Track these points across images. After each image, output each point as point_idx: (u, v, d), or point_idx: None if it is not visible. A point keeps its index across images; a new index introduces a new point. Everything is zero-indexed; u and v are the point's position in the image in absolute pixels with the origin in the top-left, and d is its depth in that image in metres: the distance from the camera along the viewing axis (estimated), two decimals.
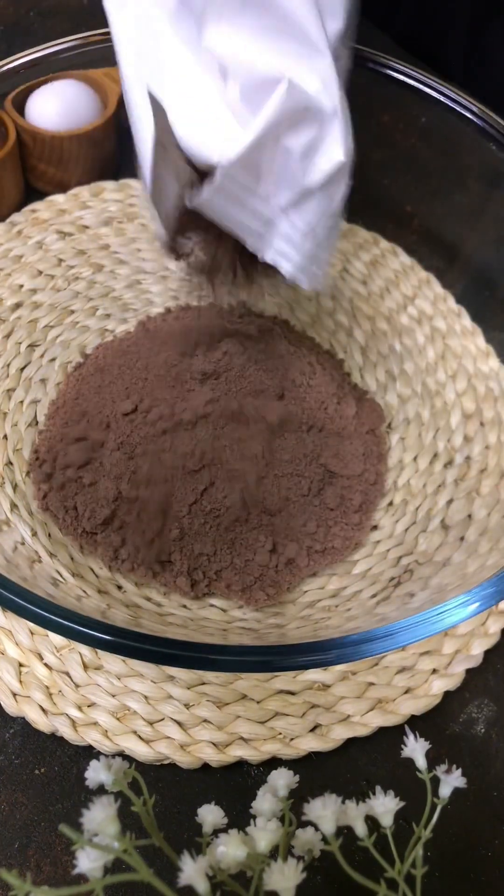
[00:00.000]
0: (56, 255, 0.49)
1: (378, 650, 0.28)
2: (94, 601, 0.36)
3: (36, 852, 0.33)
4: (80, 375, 0.45)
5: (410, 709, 0.37)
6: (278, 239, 0.31)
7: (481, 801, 0.36)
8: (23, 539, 0.38)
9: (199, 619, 0.38)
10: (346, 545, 0.41)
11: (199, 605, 0.39)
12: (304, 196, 0.30)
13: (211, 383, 0.40)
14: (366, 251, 0.52)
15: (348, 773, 0.36)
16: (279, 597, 0.39)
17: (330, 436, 0.42)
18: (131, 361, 0.43)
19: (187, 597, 0.38)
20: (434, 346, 0.48)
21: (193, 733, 0.35)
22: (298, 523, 0.40)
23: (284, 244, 0.31)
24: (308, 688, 0.37)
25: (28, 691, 0.36)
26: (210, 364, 0.40)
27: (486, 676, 0.39)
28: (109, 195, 0.52)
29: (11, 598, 0.28)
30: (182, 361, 0.41)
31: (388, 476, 0.44)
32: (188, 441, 0.39)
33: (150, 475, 0.38)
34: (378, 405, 0.47)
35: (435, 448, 0.45)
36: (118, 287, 0.50)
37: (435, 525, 0.41)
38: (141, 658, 0.28)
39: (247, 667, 0.30)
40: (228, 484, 0.38)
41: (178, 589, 0.38)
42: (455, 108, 0.46)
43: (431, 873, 0.33)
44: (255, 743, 0.35)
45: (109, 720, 0.35)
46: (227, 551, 0.39)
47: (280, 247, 0.32)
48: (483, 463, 0.43)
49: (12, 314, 0.47)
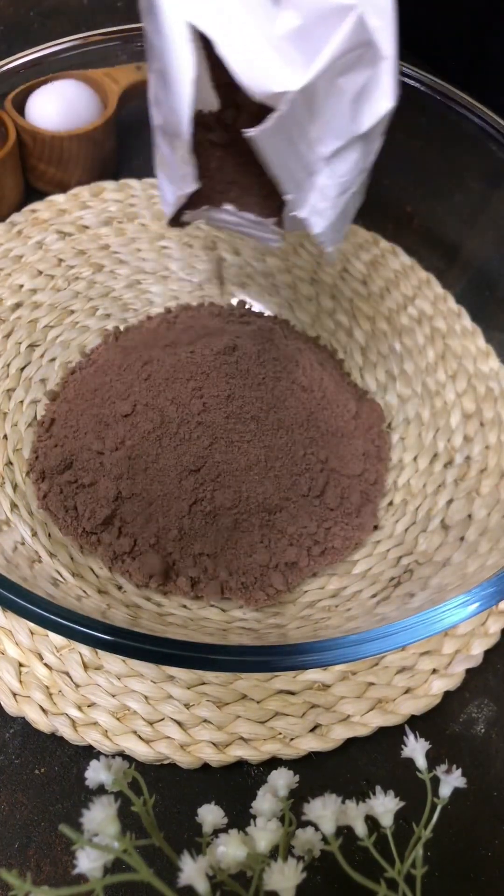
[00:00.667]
0: (56, 255, 0.49)
1: (378, 650, 0.28)
2: (94, 601, 0.36)
3: (36, 852, 0.33)
4: (80, 377, 0.45)
5: (410, 709, 0.37)
6: (315, 193, 0.31)
7: (481, 801, 0.36)
8: (23, 539, 0.38)
9: (198, 619, 0.38)
10: (347, 545, 0.41)
11: (198, 605, 0.39)
12: (348, 144, 0.29)
13: (210, 383, 0.40)
14: (366, 251, 0.52)
15: (348, 772, 0.36)
16: (279, 597, 0.39)
17: (330, 435, 0.42)
18: (131, 361, 0.43)
19: (187, 597, 0.38)
20: (434, 346, 0.48)
21: (193, 733, 0.35)
22: (299, 524, 0.40)
23: (320, 200, 0.31)
24: (308, 688, 0.37)
25: (28, 691, 0.36)
26: (209, 364, 0.40)
27: (486, 676, 0.39)
28: (109, 195, 0.52)
29: (12, 599, 0.28)
30: (181, 361, 0.41)
31: (388, 476, 0.44)
32: (188, 441, 0.39)
33: (150, 475, 0.38)
34: (378, 405, 0.47)
35: (435, 448, 0.45)
36: (118, 287, 0.50)
37: (435, 525, 0.41)
38: (141, 658, 0.28)
39: (247, 667, 0.30)
40: (228, 484, 0.38)
41: (178, 589, 0.38)
42: (455, 108, 0.46)
43: (431, 873, 0.33)
44: (255, 743, 0.35)
45: (109, 720, 0.35)
46: (227, 551, 0.39)
47: (316, 202, 0.31)
48: (483, 463, 0.43)
49: (12, 314, 0.47)
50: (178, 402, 0.39)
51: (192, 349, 0.41)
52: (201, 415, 0.39)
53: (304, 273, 0.52)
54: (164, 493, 0.38)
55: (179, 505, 0.38)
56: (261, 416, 0.40)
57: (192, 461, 0.38)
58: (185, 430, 0.39)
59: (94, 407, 0.42)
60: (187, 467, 0.38)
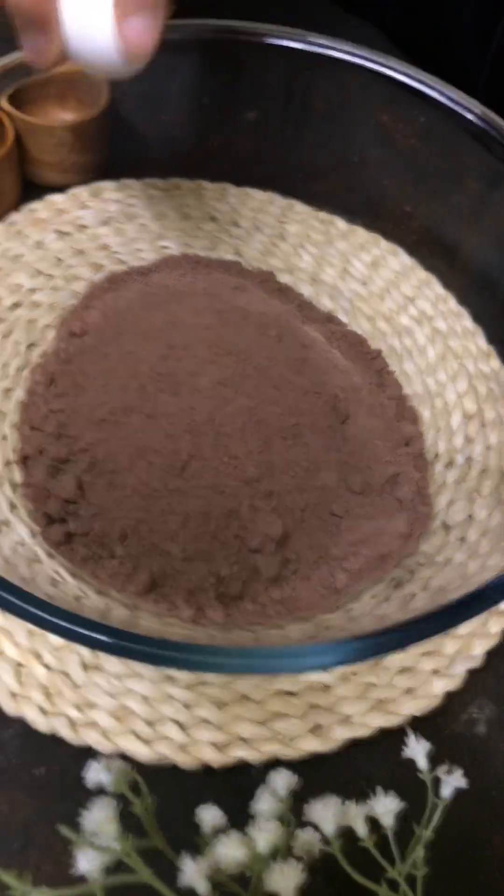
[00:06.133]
0: (55, 254, 0.49)
1: (378, 651, 0.28)
2: (94, 602, 0.36)
3: (35, 853, 0.33)
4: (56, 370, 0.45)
5: (411, 709, 0.37)
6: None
7: (482, 801, 0.36)
8: (22, 540, 0.38)
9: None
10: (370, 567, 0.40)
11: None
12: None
13: (205, 387, 0.40)
14: (366, 252, 0.52)
15: (349, 773, 0.36)
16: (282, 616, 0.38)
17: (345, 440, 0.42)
18: (126, 351, 0.42)
19: (185, 622, 0.38)
20: (434, 346, 0.48)
21: (193, 734, 0.35)
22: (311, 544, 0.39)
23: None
24: (309, 688, 0.37)
25: (27, 691, 0.36)
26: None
27: (488, 677, 0.39)
28: (108, 195, 0.52)
29: (10, 600, 0.28)
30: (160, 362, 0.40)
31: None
32: (177, 452, 0.38)
33: (139, 491, 0.38)
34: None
35: (436, 449, 0.45)
36: None
37: (436, 525, 0.41)
38: (140, 660, 0.27)
39: (248, 669, 0.30)
40: (225, 501, 0.38)
41: (175, 610, 0.37)
42: (455, 108, 0.45)
43: (432, 873, 0.33)
44: (255, 743, 0.35)
45: (109, 720, 0.35)
46: (238, 576, 0.38)
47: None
48: (484, 464, 0.43)
49: (11, 314, 0.47)
50: (169, 408, 0.39)
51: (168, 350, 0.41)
52: (188, 428, 0.38)
53: (305, 274, 0.52)
54: (150, 510, 0.38)
55: (171, 523, 0.38)
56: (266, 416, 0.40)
57: (176, 467, 0.38)
58: (175, 442, 0.38)
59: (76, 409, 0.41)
60: (175, 482, 0.38)
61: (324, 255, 0.52)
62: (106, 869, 0.22)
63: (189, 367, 0.39)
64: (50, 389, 0.44)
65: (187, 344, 0.41)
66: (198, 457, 0.38)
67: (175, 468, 0.37)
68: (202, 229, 0.53)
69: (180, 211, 0.53)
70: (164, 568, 0.37)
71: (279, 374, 0.40)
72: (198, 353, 0.40)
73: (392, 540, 0.40)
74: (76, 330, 0.46)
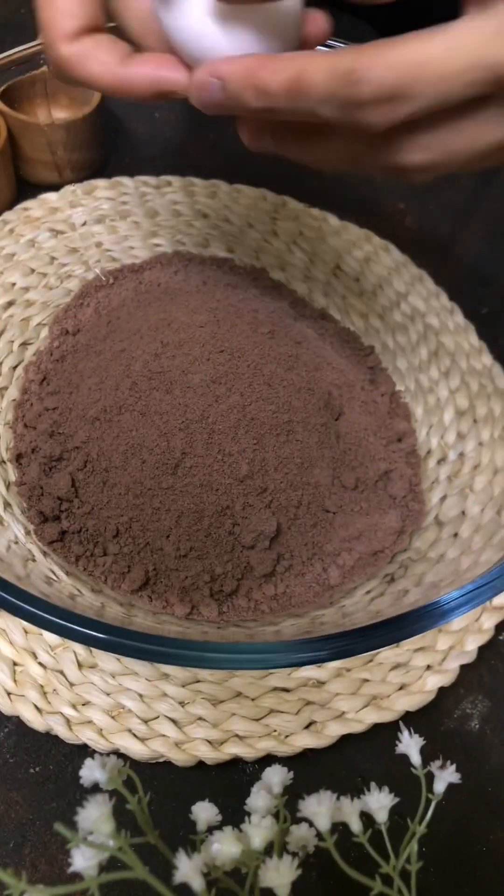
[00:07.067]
0: (48, 252, 0.49)
1: (372, 647, 0.28)
2: (88, 599, 0.36)
3: (31, 851, 0.33)
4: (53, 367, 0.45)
5: (405, 705, 0.37)
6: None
7: (475, 796, 0.36)
8: (16, 538, 0.38)
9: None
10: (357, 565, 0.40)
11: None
12: None
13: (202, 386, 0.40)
14: (358, 248, 0.52)
15: (343, 769, 0.36)
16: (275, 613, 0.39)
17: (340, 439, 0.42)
18: (124, 346, 0.42)
19: (180, 619, 0.38)
20: (427, 343, 0.48)
21: (188, 731, 0.35)
22: (303, 542, 0.39)
23: None
24: (303, 685, 0.37)
25: (22, 690, 0.36)
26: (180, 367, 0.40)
27: (480, 672, 0.39)
28: (102, 193, 0.52)
29: (5, 597, 0.28)
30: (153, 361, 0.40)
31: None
32: (170, 450, 0.38)
33: (132, 489, 0.38)
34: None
35: (428, 445, 0.45)
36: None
37: (429, 521, 0.41)
38: (135, 656, 0.28)
39: (242, 664, 0.30)
40: (218, 499, 0.38)
41: (169, 607, 0.38)
42: None
43: (426, 868, 0.33)
44: (249, 740, 0.35)
45: (104, 718, 0.35)
46: (232, 573, 0.38)
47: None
48: (476, 459, 0.43)
49: (5, 312, 0.46)
50: (165, 406, 0.39)
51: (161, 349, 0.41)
52: (182, 426, 0.38)
53: (297, 271, 0.52)
54: (142, 508, 0.38)
55: (167, 523, 0.38)
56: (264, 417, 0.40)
57: (169, 466, 0.38)
58: (170, 442, 0.38)
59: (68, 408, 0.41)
60: (170, 481, 0.38)
61: (316, 252, 0.52)
62: (101, 866, 0.22)
63: (182, 365, 0.39)
64: (43, 387, 0.44)
65: (180, 341, 0.40)
66: (191, 454, 0.38)
67: (168, 466, 0.37)
68: (194, 226, 0.53)
69: (172, 208, 0.53)
70: (157, 565, 0.37)
71: (272, 371, 0.40)
72: (191, 351, 0.40)
73: (385, 536, 0.40)
74: (69, 328, 0.46)
